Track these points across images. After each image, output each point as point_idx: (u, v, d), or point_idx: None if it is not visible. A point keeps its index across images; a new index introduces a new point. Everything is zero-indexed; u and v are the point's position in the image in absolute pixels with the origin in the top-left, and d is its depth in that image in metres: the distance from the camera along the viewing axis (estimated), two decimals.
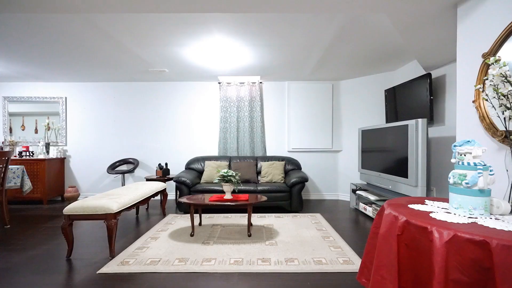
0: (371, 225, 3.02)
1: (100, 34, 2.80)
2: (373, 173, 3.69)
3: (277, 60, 3.68)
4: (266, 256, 2.33)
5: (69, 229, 2.30)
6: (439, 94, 3.18)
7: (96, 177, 4.88)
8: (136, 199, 2.76)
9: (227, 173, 2.91)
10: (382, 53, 3.37)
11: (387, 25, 2.52)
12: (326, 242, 2.69)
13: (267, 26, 2.63)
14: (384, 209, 1.39)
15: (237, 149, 4.74)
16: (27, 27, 2.64)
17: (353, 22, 2.48)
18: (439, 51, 2.69)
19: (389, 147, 3.30)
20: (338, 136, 4.85)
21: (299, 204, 3.82)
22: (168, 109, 4.90)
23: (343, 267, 2.16)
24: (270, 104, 4.89)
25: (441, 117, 3.16)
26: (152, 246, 2.57)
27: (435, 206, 1.31)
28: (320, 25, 2.58)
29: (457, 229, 0.96)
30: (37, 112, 4.87)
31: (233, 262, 2.22)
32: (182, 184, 3.75)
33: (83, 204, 2.30)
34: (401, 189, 3.05)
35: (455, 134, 2.91)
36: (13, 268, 2.15)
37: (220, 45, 3.11)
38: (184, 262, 2.21)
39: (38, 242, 2.73)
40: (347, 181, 4.76)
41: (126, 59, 3.62)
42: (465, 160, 1.16)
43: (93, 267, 2.16)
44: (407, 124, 2.90)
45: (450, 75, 3.00)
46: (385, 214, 1.26)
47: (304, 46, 3.13)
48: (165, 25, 2.59)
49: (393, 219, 1.20)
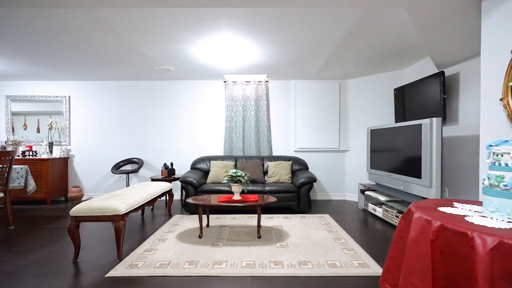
0: (383, 226, 2.95)
1: (105, 30, 2.73)
2: (383, 173, 3.62)
3: (285, 58, 3.61)
4: (278, 259, 2.27)
5: (76, 230, 2.24)
6: (452, 92, 3.11)
7: (100, 177, 4.82)
8: (144, 200, 2.70)
9: (236, 173, 2.84)
10: (392, 51, 3.30)
11: (403, 21, 2.45)
12: (338, 244, 2.62)
13: (277, 23, 2.56)
14: (410, 212, 1.32)
15: (242, 149, 4.67)
16: (30, 23, 2.57)
17: (367, 18, 2.41)
18: (455, 48, 2.62)
19: (401, 147, 3.23)
20: (345, 136, 4.78)
21: (307, 204, 3.75)
22: (173, 108, 4.83)
23: (359, 270, 2.09)
24: (276, 103, 4.82)
25: (454, 116, 3.09)
26: (160, 248, 2.50)
27: (467, 209, 1.24)
28: (332, 21, 2.51)
29: (503, 236, 0.89)
30: (40, 111, 4.81)
31: (244, 265, 2.16)
32: (189, 185, 3.69)
33: (90, 205, 2.24)
34: (413, 189, 2.98)
35: (471, 133, 2.85)
36: (18, 271, 2.09)
37: (227, 42, 3.04)
38: (194, 265, 2.14)
39: (43, 243, 2.66)
40: (354, 181, 4.69)
41: (131, 57, 3.56)
42: (503, 160, 1.09)
43: (101, 270, 2.10)
44: (421, 123, 2.83)
45: (464, 73, 2.93)
46: (414, 218, 1.19)
47: (313, 43, 3.06)
48: (174, 21, 2.52)
49: (425, 223, 1.13)
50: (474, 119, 2.82)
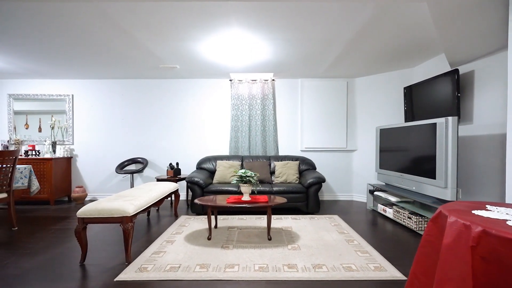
0: (394, 228, 2.85)
1: (111, 26, 2.66)
2: (393, 173, 3.55)
3: (293, 56, 3.53)
4: (291, 262, 2.20)
5: (83, 233, 2.17)
6: (466, 91, 3.04)
7: (104, 177, 4.75)
8: (152, 201, 2.63)
9: (246, 174, 2.77)
10: (404, 49, 3.22)
11: (420, 16, 2.37)
12: (351, 246, 2.55)
13: (288, 19, 2.48)
14: (441, 216, 1.25)
15: (248, 148, 4.60)
16: (34, 19, 2.50)
17: (383, 13, 2.34)
18: (473, 44, 2.54)
19: (413, 147, 3.15)
20: (352, 135, 4.70)
21: (316, 205, 3.68)
22: (178, 107, 4.76)
23: (376, 274, 2.02)
24: (282, 102, 4.75)
25: (468, 115, 3.01)
26: (169, 250, 2.43)
27: (503, 212, 1.17)
28: (345, 17, 2.44)
29: None
30: (42, 110, 4.73)
31: (257, 268, 2.09)
32: (195, 185, 3.62)
33: (98, 206, 2.17)
34: (427, 190, 2.91)
35: (486, 133, 2.78)
36: (24, 275, 2.02)
37: (236, 39, 2.96)
38: (206, 269, 2.07)
39: (48, 245, 2.60)
40: (361, 181, 4.62)
41: (137, 55, 3.48)
42: None
43: (109, 274, 2.03)
44: (435, 122, 2.76)
45: (480, 70, 2.85)
46: (450, 222, 1.12)
47: (324, 40, 2.99)
48: (183, 17, 2.45)
49: (463, 228, 1.06)
50: (490, 118, 2.75)
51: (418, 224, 2.95)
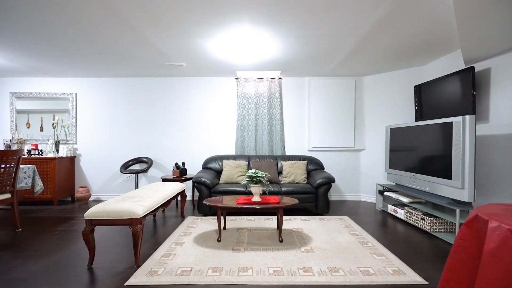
0: (407, 229, 2.74)
1: (118, 22, 2.58)
2: (405, 173, 3.47)
3: (302, 53, 3.45)
4: (306, 265, 2.13)
5: (91, 235, 2.10)
6: (482, 89, 2.96)
7: (108, 176, 4.68)
8: (160, 202, 2.56)
9: (256, 174, 2.70)
10: (418, 46, 3.15)
11: (441, 10, 2.30)
12: (365, 248, 2.48)
13: (301, 15, 2.40)
14: (478, 220, 1.17)
15: (255, 148, 4.52)
16: (38, 15, 2.41)
17: (401, 7, 2.26)
18: (493, 40, 2.46)
19: (426, 146, 3.08)
20: (360, 135, 4.63)
21: (325, 206, 3.61)
22: (183, 106, 4.68)
23: (395, 278, 1.95)
24: (289, 100, 4.67)
25: (484, 114, 2.93)
26: (178, 253, 2.36)
27: None
28: (362, 12, 2.36)
29: None
30: (45, 109, 4.66)
31: (272, 272, 2.02)
32: (202, 185, 3.54)
33: (106, 208, 2.09)
34: (442, 191, 2.84)
35: (504, 132, 2.69)
36: (30, 279, 1.94)
37: (245, 35, 2.88)
38: (218, 272, 2.00)
39: (53, 247, 2.52)
40: (370, 181, 4.54)
41: (143, 52, 3.40)
42: None
43: (118, 278, 1.96)
44: (451, 121, 2.68)
45: (497, 68, 2.78)
46: (491, 227, 1.05)
47: (336, 36, 2.91)
48: (193, 13, 2.37)
49: (508, 234, 0.99)
50: (508, 117, 2.67)
51: (432, 226, 2.88)
